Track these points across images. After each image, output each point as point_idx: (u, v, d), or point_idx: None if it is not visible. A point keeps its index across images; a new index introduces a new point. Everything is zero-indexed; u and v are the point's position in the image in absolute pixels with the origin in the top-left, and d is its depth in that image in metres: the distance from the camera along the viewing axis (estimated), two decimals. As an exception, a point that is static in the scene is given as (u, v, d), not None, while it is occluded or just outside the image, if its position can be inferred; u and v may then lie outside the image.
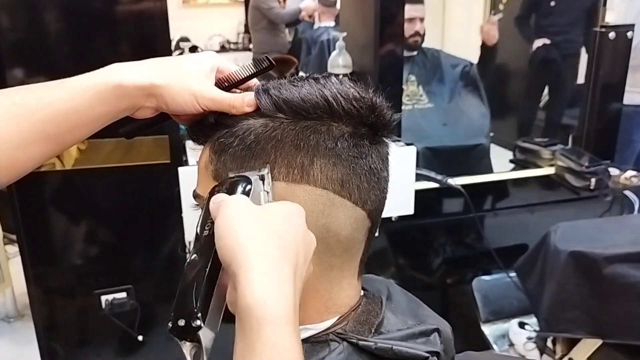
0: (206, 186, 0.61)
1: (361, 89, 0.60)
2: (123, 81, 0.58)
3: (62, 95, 0.57)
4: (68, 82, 0.58)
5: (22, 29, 1.64)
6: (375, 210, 0.62)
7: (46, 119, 0.57)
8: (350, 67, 2.18)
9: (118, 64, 0.60)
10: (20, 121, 0.56)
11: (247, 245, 0.45)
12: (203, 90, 0.60)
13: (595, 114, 2.42)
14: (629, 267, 1.59)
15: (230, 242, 0.45)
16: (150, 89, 0.59)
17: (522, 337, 2.08)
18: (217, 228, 0.47)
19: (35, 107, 0.57)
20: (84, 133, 0.60)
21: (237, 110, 0.60)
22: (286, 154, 0.57)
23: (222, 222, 0.47)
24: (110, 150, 1.77)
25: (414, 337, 0.61)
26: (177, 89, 0.59)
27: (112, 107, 0.59)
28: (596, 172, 2.24)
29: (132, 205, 1.89)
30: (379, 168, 0.61)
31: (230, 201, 0.49)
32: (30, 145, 0.57)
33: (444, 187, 2.14)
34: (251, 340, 0.42)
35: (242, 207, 0.48)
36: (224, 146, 0.59)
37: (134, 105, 0.60)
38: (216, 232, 0.47)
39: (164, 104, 0.60)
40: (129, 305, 1.90)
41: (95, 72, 0.59)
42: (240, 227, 0.46)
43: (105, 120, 0.60)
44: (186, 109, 0.60)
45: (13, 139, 0.56)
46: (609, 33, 2.30)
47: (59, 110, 0.57)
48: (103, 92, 0.58)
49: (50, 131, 0.57)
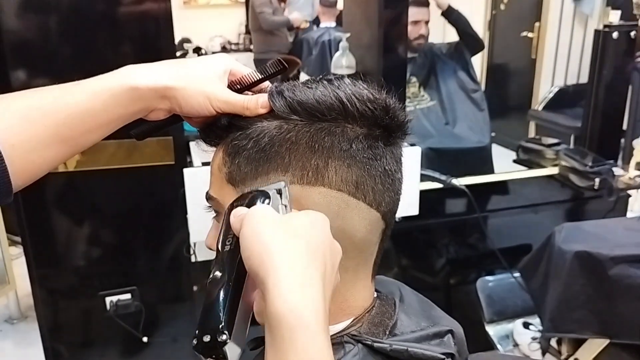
0: (219, 188, 0.61)
1: (374, 90, 0.60)
2: (137, 83, 0.58)
3: (77, 97, 0.57)
4: (83, 84, 0.58)
5: (25, 31, 1.64)
6: (390, 212, 0.62)
7: (61, 122, 0.56)
8: (353, 67, 2.18)
9: (132, 65, 0.60)
10: (36, 124, 0.56)
11: (275, 253, 0.45)
12: (217, 93, 0.60)
13: (598, 114, 2.42)
14: (635, 268, 1.59)
15: (257, 250, 0.45)
16: (164, 91, 0.58)
17: (527, 338, 2.08)
18: (244, 238, 0.47)
19: (51, 110, 0.56)
20: (97, 135, 0.60)
21: (251, 112, 0.59)
22: (301, 156, 0.57)
23: (248, 231, 0.47)
24: (113, 152, 1.76)
25: (428, 339, 0.61)
26: (191, 92, 0.59)
27: (126, 110, 0.59)
28: (600, 172, 2.24)
29: (136, 207, 1.89)
30: (393, 170, 0.61)
31: (255, 211, 0.49)
32: (45, 148, 0.57)
33: (448, 187, 2.14)
34: (283, 350, 0.41)
35: (268, 216, 0.48)
36: (238, 148, 0.59)
37: (148, 108, 0.60)
38: (242, 242, 0.47)
39: (178, 106, 0.60)
40: (133, 307, 1.90)
41: (110, 74, 0.59)
42: (268, 235, 0.46)
43: (118, 122, 0.60)
44: (200, 111, 0.60)
45: (28, 142, 0.55)
46: (613, 33, 2.30)
47: (74, 112, 0.57)
48: (117, 95, 0.57)
49: (65, 134, 0.57)
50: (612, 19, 2.32)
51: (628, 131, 3.54)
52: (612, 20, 2.32)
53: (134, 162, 1.78)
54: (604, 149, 2.41)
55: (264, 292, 0.44)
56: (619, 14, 2.32)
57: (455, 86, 2.79)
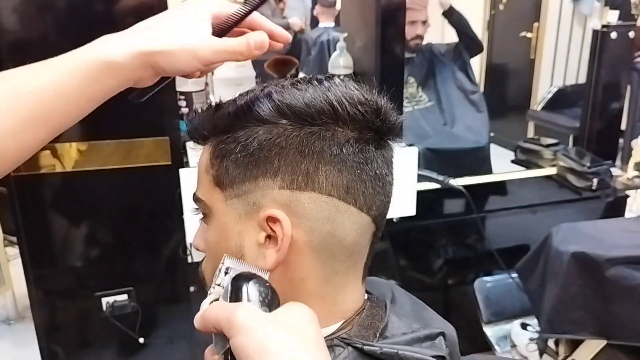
0: (207, 190, 0.60)
1: (365, 91, 0.59)
2: (112, 56, 0.53)
3: (48, 78, 0.53)
4: (53, 63, 0.54)
5: (21, 30, 1.64)
6: (380, 215, 0.61)
7: (31, 105, 0.52)
8: (351, 67, 2.18)
9: (104, 37, 0.55)
10: (5, 109, 0.52)
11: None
12: (202, 46, 0.54)
13: (597, 114, 2.41)
14: (632, 270, 1.59)
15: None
16: (143, 59, 0.53)
17: (524, 338, 2.08)
18: (241, 351, 0.43)
19: (21, 92, 0.52)
20: (76, 115, 0.56)
21: (245, 55, 0.56)
22: (290, 161, 0.56)
23: (244, 344, 0.44)
24: (110, 152, 1.76)
25: (420, 341, 0.61)
26: (172, 52, 0.54)
27: (105, 85, 0.54)
28: (598, 173, 2.24)
29: (133, 207, 1.89)
30: (384, 173, 0.60)
31: (241, 318, 0.45)
32: (19, 132, 0.53)
33: (446, 187, 2.13)
34: None
35: (259, 319, 0.45)
36: (226, 152, 0.58)
37: (129, 79, 0.55)
38: (241, 354, 0.43)
39: (162, 71, 0.55)
40: (129, 308, 1.89)
41: (81, 50, 0.54)
42: (270, 343, 0.43)
43: (98, 99, 0.55)
44: (187, 70, 0.55)
45: (1, 128, 0.52)
46: (611, 33, 2.29)
47: (47, 95, 0.53)
48: (92, 71, 0.53)
49: (38, 117, 0.53)
50: (610, 19, 2.31)
51: (626, 131, 3.54)
52: (610, 21, 2.31)
53: (130, 162, 1.78)
54: (602, 150, 2.40)
55: None
56: (617, 14, 2.31)
57: (454, 87, 2.78)
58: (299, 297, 0.59)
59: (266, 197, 0.56)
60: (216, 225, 0.60)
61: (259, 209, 0.56)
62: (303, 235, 0.56)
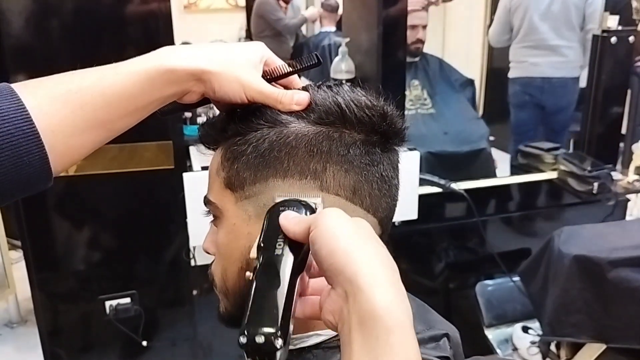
0: (218, 192, 0.61)
1: (372, 97, 0.61)
2: (175, 65, 0.57)
3: (115, 80, 0.56)
4: (120, 67, 0.57)
5: (25, 35, 1.65)
6: (386, 217, 0.62)
7: (98, 106, 0.56)
8: (353, 72, 2.19)
9: (169, 47, 0.59)
10: (75, 108, 0.55)
11: (363, 251, 0.44)
12: (252, 82, 0.59)
13: (597, 118, 2.42)
14: (633, 272, 1.59)
15: (343, 248, 0.44)
16: (200, 75, 0.57)
17: (526, 342, 2.08)
18: (323, 237, 0.45)
19: (89, 94, 0.55)
20: (133, 120, 0.59)
21: (284, 106, 0.59)
22: (299, 161, 0.57)
23: (329, 230, 0.45)
24: (113, 156, 1.77)
25: (424, 343, 0.61)
26: (227, 77, 0.58)
27: (162, 92, 0.58)
28: (599, 177, 2.24)
29: (136, 211, 1.89)
30: (390, 176, 0.61)
31: (332, 211, 0.47)
32: (83, 132, 0.56)
33: (447, 191, 2.14)
34: (379, 350, 0.40)
35: (345, 216, 0.47)
36: (237, 154, 0.59)
37: (183, 91, 0.59)
38: (321, 240, 0.45)
39: (212, 91, 0.59)
40: (133, 311, 1.90)
41: (146, 57, 0.58)
42: (351, 234, 0.45)
43: (154, 106, 0.59)
44: (232, 97, 0.59)
45: (68, 127, 0.55)
46: (611, 37, 2.30)
47: (112, 96, 0.56)
48: (154, 77, 0.57)
49: (103, 118, 0.56)
50: (610, 24, 2.32)
51: (627, 135, 3.55)
52: (610, 25, 2.32)
53: (134, 166, 1.79)
54: (603, 154, 2.41)
55: (351, 291, 0.42)
56: (618, 19, 2.32)
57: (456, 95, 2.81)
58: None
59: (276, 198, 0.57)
60: (226, 227, 0.61)
61: None
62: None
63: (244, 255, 0.59)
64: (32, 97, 0.53)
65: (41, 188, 0.56)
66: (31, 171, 0.53)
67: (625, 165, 2.54)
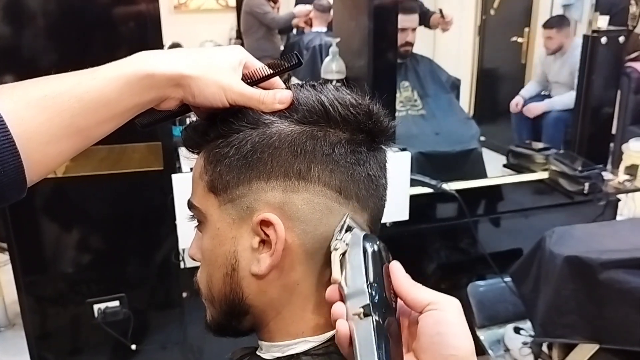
0: (201, 196, 0.60)
1: (357, 96, 0.59)
2: (153, 70, 0.55)
3: (92, 85, 0.54)
4: (97, 71, 0.55)
5: (11, 36, 1.63)
6: (374, 217, 0.61)
7: (76, 112, 0.53)
8: (343, 72, 2.18)
9: (147, 52, 0.57)
10: (52, 115, 0.53)
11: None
12: (232, 84, 0.58)
13: (587, 119, 2.43)
14: (625, 273, 1.59)
15: (471, 346, 0.52)
16: (179, 79, 0.56)
17: (518, 343, 2.08)
18: (444, 324, 0.53)
19: (67, 100, 0.53)
20: (111, 126, 0.57)
21: (267, 106, 0.58)
22: (283, 162, 0.56)
23: (456, 325, 0.53)
24: (102, 158, 1.75)
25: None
26: (206, 81, 0.57)
27: (141, 98, 0.56)
28: (590, 177, 2.25)
29: (125, 213, 1.88)
30: (377, 175, 0.60)
31: (457, 307, 0.56)
32: (60, 139, 0.54)
33: (439, 192, 2.13)
34: None
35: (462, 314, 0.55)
36: (219, 156, 0.57)
37: (162, 97, 0.57)
38: (439, 327, 0.53)
39: (191, 96, 0.57)
40: (121, 314, 1.88)
41: (124, 61, 0.56)
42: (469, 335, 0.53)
43: (133, 111, 0.57)
44: (213, 102, 0.57)
45: (44, 134, 0.52)
46: (601, 38, 2.31)
47: (89, 102, 0.54)
48: (132, 82, 0.55)
49: (81, 124, 0.54)
50: (600, 24, 2.33)
51: (617, 136, 3.57)
52: (600, 26, 2.33)
53: (123, 167, 1.77)
54: (593, 154, 2.42)
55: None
56: (608, 20, 2.33)
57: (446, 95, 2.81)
58: (294, 301, 0.59)
59: (259, 200, 0.56)
60: (211, 232, 0.60)
61: (252, 213, 0.56)
62: (297, 239, 0.56)
63: (229, 260, 0.58)
64: (7, 102, 0.51)
65: (14, 199, 0.53)
66: (5, 181, 0.50)
67: (616, 165, 2.55)
